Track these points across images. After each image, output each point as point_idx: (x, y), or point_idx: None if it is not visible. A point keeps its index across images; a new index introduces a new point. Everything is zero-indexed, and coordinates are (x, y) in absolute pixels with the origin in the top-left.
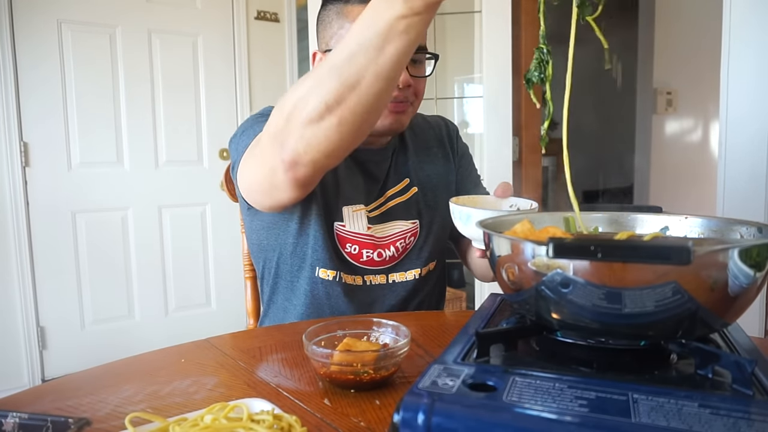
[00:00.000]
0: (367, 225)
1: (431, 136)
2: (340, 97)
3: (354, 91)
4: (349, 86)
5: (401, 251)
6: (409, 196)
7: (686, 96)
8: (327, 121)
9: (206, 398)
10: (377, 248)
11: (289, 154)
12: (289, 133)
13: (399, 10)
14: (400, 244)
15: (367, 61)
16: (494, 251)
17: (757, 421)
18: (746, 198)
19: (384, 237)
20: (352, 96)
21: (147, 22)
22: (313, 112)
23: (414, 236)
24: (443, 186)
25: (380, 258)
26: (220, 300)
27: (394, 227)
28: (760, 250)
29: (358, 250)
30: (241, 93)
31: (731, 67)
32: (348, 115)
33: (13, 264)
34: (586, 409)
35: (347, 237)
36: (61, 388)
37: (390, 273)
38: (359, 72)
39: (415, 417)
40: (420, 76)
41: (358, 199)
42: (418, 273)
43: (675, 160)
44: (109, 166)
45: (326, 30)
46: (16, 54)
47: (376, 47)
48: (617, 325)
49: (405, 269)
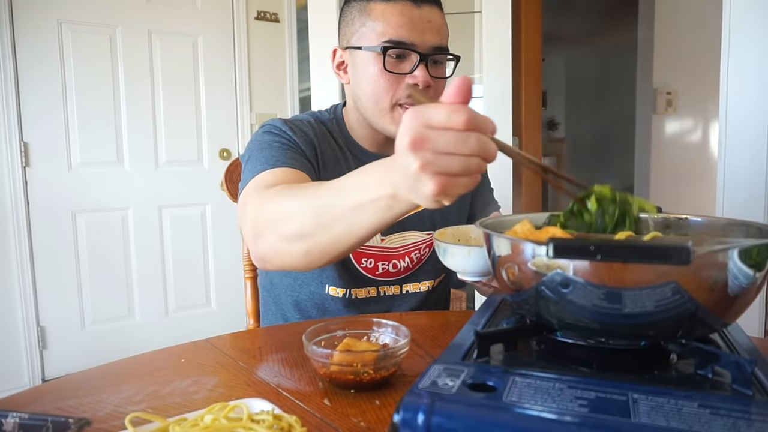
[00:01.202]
0: (381, 237)
1: None
2: (312, 233)
3: (324, 233)
4: (323, 228)
5: (416, 262)
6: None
7: (686, 96)
8: (298, 245)
9: (206, 398)
10: (392, 259)
11: (260, 252)
12: (264, 235)
13: (389, 191)
14: (414, 255)
15: (342, 213)
16: (494, 251)
17: (757, 421)
18: (746, 198)
19: (398, 248)
20: (323, 237)
21: (147, 22)
22: (287, 233)
23: (429, 247)
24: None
25: (395, 269)
26: (220, 300)
27: (408, 238)
28: (760, 250)
29: (373, 264)
30: (241, 93)
31: (731, 67)
32: (316, 250)
33: (13, 264)
34: (586, 409)
35: (362, 252)
36: (61, 388)
37: (404, 284)
38: (335, 222)
39: (415, 417)
40: (440, 77)
41: None
42: (432, 284)
43: (675, 160)
44: (109, 166)
45: (348, 27)
46: (16, 54)
47: (354, 207)
48: (617, 325)
49: (419, 280)
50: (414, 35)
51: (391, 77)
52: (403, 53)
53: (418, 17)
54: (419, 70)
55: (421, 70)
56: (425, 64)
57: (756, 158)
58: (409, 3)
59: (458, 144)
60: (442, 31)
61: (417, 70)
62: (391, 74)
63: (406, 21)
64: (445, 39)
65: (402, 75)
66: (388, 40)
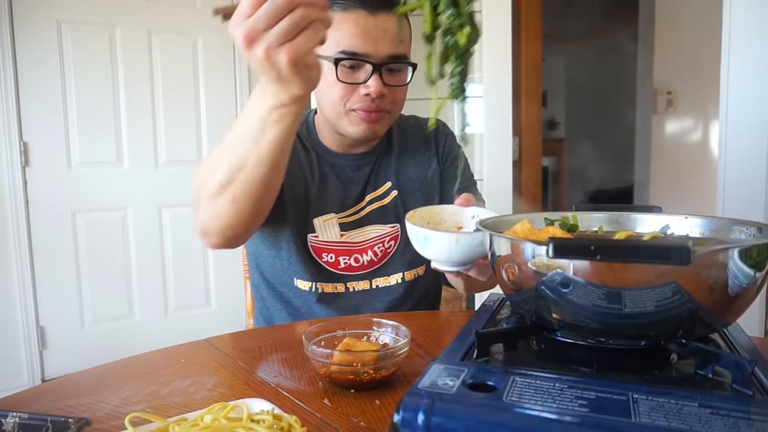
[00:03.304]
0: (340, 232)
1: (420, 138)
2: (230, 179)
3: (241, 173)
4: (236, 169)
5: (381, 255)
6: (388, 201)
7: (686, 96)
8: (223, 197)
9: (206, 398)
10: (353, 254)
11: (199, 225)
12: (198, 205)
13: (271, 102)
14: (378, 248)
15: (248, 147)
16: (494, 251)
17: (757, 421)
18: (746, 198)
19: (360, 242)
20: (240, 177)
21: (147, 22)
22: (212, 190)
23: (395, 240)
24: (425, 188)
25: (357, 263)
26: (220, 300)
27: (371, 231)
28: (760, 250)
29: (334, 258)
30: (241, 93)
31: (731, 67)
32: (239, 194)
33: (13, 264)
34: (586, 409)
35: (322, 247)
36: (61, 388)
37: (373, 278)
38: (243, 157)
39: (415, 417)
40: (395, 85)
41: (330, 208)
42: (401, 277)
43: (675, 160)
44: (109, 165)
45: None
46: (16, 54)
47: (253, 135)
48: (617, 325)
49: (388, 273)
50: (367, 45)
51: (345, 86)
52: (357, 63)
53: (373, 26)
54: (372, 80)
55: (374, 80)
56: (379, 73)
57: (756, 158)
58: (364, 12)
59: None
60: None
61: (370, 80)
62: (346, 84)
63: (359, 31)
64: (401, 46)
65: (356, 84)
66: (342, 51)
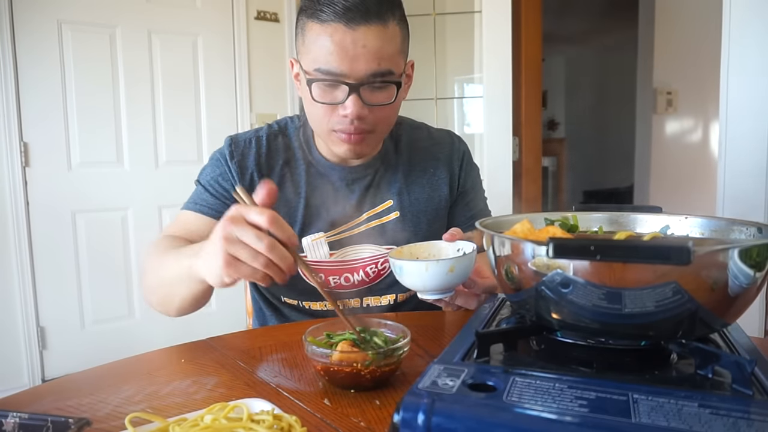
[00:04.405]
0: (329, 252)
1: (431, 156)
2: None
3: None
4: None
5: (373, 276)
6: (387, 220)
7: (686, 96)
8: (158, 308)
9: (206, 398)
10: (343, 273)
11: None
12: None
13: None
14: (371, 269)
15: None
16: (494, 251)
17: (757, 421)
18: (746, 198)
19: (352, 260)
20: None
21: (147, 22)
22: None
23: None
24: (430, 212)
25: (348, 282)
26: (220, 300)
27: (364, 251)
28: (760, 250)
29: (323, 278)
30: (241, 93)
31: (731, 67)
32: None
33: (13, 264)
34: (586, 409)
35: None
36: (61, 388)
37: (364, 297)
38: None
39: (415, 417)
40: (380, 104)
41: (319, 227)
42: (393, 299)
43: (675, 160)
44: (109, 166)
45: (296, 39)
46: (16, 54)
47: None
48: (617, 325)
49: (380, 294)
50: (344, 64)
51: (324, 105)
52: (333, 83)
53: (351, 42)
54: (350, 102)
55: (351, 101)
56: (357, 93)
57: (756, 158)
58: (341, 26)
59: (253, 239)
60: (382, 53)
61: (348, 101)
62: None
63: (336, 48)
64: (384, 61)
65: (333, 105)
66: (317, 69)
